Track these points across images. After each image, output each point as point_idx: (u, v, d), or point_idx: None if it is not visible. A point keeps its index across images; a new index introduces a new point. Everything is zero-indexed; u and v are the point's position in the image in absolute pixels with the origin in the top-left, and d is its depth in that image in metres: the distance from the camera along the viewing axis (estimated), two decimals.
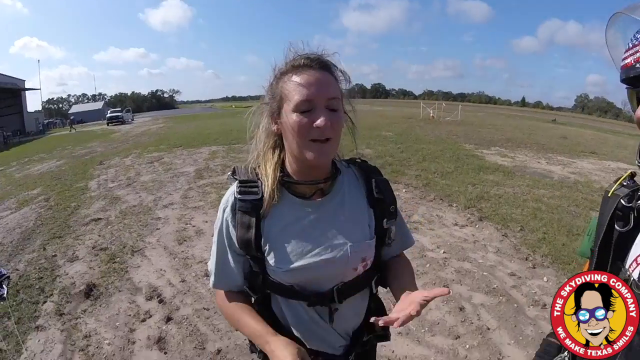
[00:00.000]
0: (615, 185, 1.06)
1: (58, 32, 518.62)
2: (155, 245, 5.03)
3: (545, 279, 3.94)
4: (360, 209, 1.15)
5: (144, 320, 3.46)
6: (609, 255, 1.02)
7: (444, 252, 4.55)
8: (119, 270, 4.38)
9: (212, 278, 1.17)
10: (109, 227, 5.87)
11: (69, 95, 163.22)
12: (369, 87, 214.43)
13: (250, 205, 1.06)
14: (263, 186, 1.07)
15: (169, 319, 3.44)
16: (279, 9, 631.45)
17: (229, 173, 1.14)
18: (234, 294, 1.17)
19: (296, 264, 1.06)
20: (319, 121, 0.97)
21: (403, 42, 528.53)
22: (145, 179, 9.08)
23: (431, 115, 28.31)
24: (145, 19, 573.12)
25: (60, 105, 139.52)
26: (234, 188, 1.10)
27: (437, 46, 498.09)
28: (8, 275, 4.36)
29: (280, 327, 1.13)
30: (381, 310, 1.26)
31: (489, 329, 3.19)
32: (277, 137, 1.11)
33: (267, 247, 1.08)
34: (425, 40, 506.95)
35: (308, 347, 1.13)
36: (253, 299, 1.17)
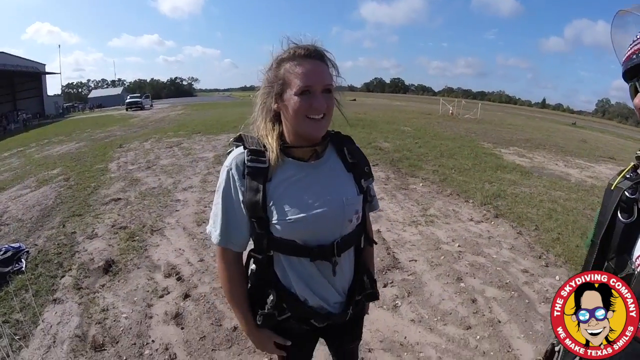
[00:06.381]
0: (619, 178, 1.09)
1: (70, 18, 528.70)
2: (174, 226, 5.02)
3: (557, 277, 3.87)
4: (345, 172, 1.31)
5: (161, 297, 3.44)
6: (610, 246, 1.06)
7: (458, 246, 4.50)
8: (138, 248, 4.38)
9: (216, 235, 1.26)
10: (129, 207, 5.89)
11: (88, 80, 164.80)
12: (388, 81, 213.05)
13: (258, 172, 1.19)
14: (269, 154, 1.20)
15: (186, 296, 3.42)
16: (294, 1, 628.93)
17: (231, 139, 1.28)
18: (233, 254, 1.30)
19: (299, 215, 1.18)
20: (317, 104, 1.14)
21: (423, 36, 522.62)
22: (164, 162, 9.11)
23: (450, 112, 27.77)
24: (155, 7, 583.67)
25: (80, 90, 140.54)
26: (242, 154, 1.22)
27: (459, 42, 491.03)
28: (27, 250, 4.44)
29: (281, 287, 1.27)
30: (366, 267, 1.45)
31: (499, 321, 3.15)
32: (275, 114, 1.24)
33: (272, 206, 1.19)
34: (447, 36, 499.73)
35: (309, 304, 1.28)
36: (256, 259, 1.28)
